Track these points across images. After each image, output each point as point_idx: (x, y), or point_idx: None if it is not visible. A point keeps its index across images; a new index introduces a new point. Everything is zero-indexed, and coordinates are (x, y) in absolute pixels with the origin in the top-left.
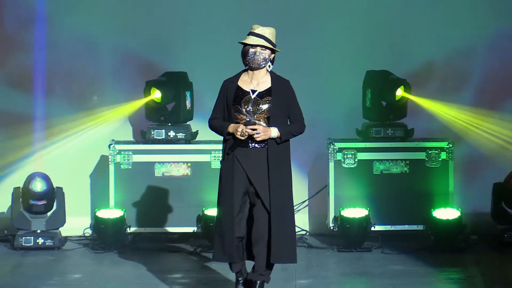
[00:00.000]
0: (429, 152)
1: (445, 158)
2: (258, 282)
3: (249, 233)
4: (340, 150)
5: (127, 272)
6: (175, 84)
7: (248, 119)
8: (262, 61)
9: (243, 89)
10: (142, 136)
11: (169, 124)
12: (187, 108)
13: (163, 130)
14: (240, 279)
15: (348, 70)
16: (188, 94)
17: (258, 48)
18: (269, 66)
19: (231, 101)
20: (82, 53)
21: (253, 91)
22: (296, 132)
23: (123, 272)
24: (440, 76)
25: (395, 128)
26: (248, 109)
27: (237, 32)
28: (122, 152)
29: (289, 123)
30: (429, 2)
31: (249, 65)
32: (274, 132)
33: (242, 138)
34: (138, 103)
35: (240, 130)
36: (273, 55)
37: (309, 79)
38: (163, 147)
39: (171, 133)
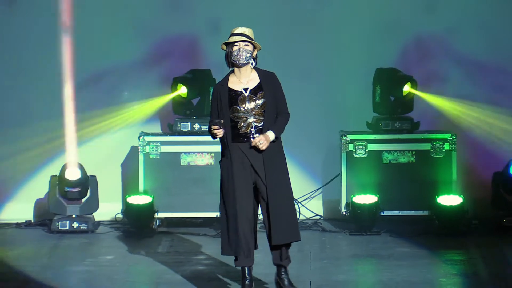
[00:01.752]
0: (434, 143)
1: (448, 149)
2: (284, 266)
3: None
4: (352, 141)
5: (155, 254)
6: (200, 80)
7: (247, 117)
8: (247, 56)
9: (235, 90)
10: (169, 129)
11: (194, 117)
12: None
13: (189, 123)
14: (247, 277)
15: (359, 68)
16: (211, 89)
17: (241, 44)
18: (253, 63)
19: (226, 104)
20: (113, 52)
21: (245, 90)
22: (284, 124)
23: (151, 253)
24: (443, 73)
25: (402, 121)
26: (245, 107)
27: (256, 31)
28: (151, 143)
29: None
30: (434, 3)
31: (235, 63)
32: (271, 135)
33: (219, 132)
34: (166, 98)
35: (215, 131)
36: (255, 52)
37: (324, 76)
38: (189, 139)
39: (196, 126)
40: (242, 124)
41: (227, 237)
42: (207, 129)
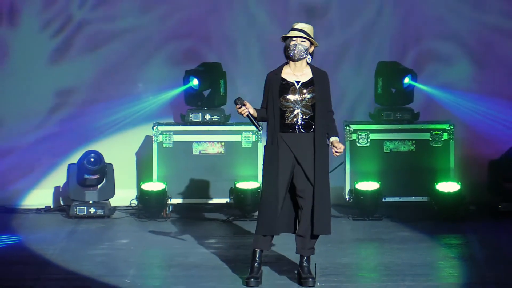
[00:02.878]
0: (433, 133)
1: (446, 138)
2: (306, 256)
3: (295, 206)
4: (355, 131)
5: (168, 238)
6: (211, 73)
7: (294, 108)
8: (303, 52)
9: (287, 80)
10: (181, 119)
11: (205, 108)
12: (221, 94)
13: (200, 113)
14: (257, 260)
15: (362, 62)
16: (222, 82)
17: (299, 40)
18: (309, 59)
19: (276, 92)
20: (129, 46)
21: (297, 82)
22: (336, 125)
23: (164, 237)
24: (442, 66)
25: (403, 112)
26: (295, 98)
27: (262, 28)
28: (164, 133)
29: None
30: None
31: (291, 57)
32: (335, 138)
33: (242, 110)
34: (178, 90)
35: (240, 110)
36: (312, 49)
37: (328, 70)
38: (200, 128)
39: (207, 116)
40: (289, 114)
41: (263, 219)
42: (217, 119)
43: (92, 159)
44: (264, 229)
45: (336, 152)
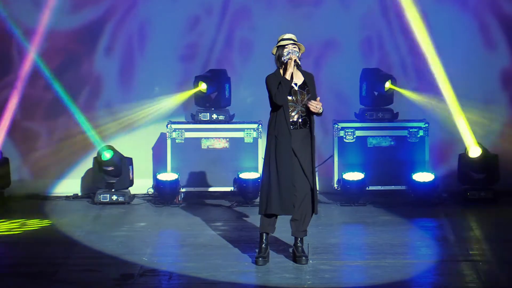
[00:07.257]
0: (410, 130)
1: (422, 134)
2: (299, 238)
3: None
4: (343, 128)
5: (180, 221)
6: (217, 78)
7: (296, 107)
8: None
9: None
10: (192, 118)
11: (213, 108)
12: (226, 96)
13: (208, 113)
14: (264, 241)
15: (348, 68)
16: (227, 86)
17: (290, 46)
18: (298, 64)
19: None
20: (147, 55)
21: (295, 84)
22: None
23: (177, 221)
24: (416, 72)
25: (384, 112)
26: (296, 99)
27: (263, 39)
28: (177, 130)
29: None
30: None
31: (287, 62)
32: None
33: (293, 57)
34: (189, 93)
35: (292, 59)
36: (300, 54)
37: (320, 75)
38: (208, 126)
39: (214, 116)
40: (291, 113)
41: (271, 200)
42: (223, 118)
43: (105, 153)
44: (276, 208)
45: (315, 106)
